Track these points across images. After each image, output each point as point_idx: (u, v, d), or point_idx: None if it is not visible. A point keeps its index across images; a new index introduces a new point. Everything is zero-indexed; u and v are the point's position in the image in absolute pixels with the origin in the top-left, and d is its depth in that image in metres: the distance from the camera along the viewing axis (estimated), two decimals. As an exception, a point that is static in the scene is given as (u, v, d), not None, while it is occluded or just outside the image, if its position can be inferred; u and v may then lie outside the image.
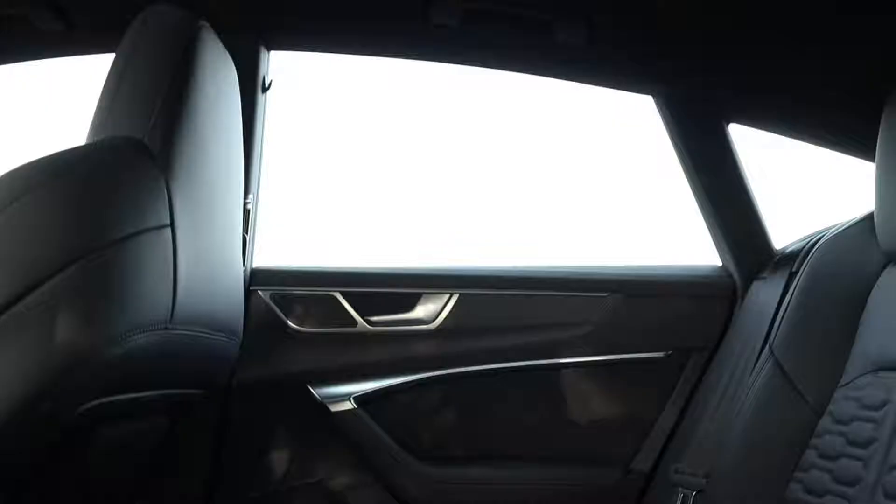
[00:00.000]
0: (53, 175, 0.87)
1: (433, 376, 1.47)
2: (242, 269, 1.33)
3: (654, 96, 1.51)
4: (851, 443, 1.00)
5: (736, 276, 1.52)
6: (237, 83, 1.22)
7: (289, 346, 1.46)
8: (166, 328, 0.94)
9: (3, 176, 0.87)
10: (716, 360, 1.45)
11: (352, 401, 1.44)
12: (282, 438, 1.49)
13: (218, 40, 1.11)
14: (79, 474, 1.04)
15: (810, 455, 1.06)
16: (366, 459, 1.46)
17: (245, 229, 1.38)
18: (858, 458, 0.98)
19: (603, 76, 1.50)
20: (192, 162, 1.02)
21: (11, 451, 0.84)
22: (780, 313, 1.28)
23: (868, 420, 0.99)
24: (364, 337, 1.48)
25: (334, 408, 1.44)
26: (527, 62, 1.49)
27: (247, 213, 1.41)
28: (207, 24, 1.08)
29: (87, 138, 0.98)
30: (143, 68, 1.01)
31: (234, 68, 1.19)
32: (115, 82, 1.00)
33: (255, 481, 1.45)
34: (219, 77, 1.12)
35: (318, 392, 1.45)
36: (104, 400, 0.94)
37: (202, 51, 1.05)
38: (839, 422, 1.04)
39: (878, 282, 1.10)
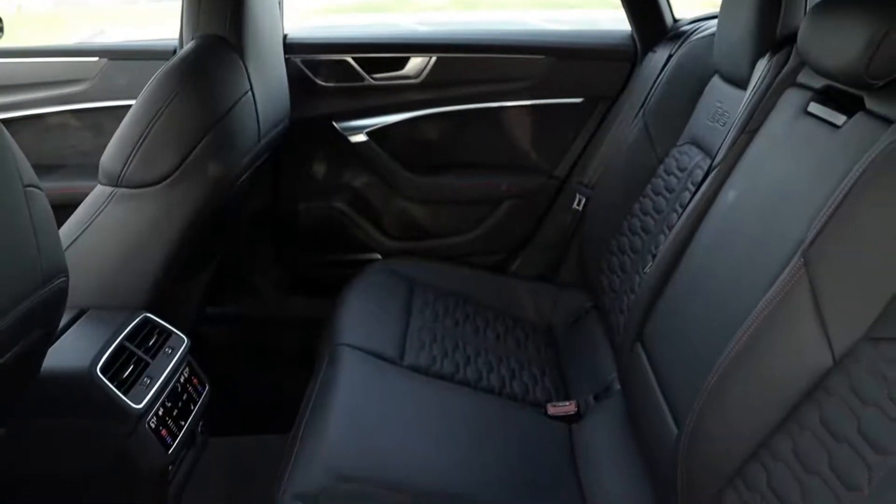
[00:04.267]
0: (190, 74, 1.39)
1: (420, 115, 2.06)
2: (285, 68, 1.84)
3: None
4: (670, 189, 1.67)
5: (638, 44, 2.03)
6: None
7: (318, 97, 2.03)
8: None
9: (156, 80, 1.38)
10: (614, 108, 2.04)
11: (364, 134, 2.07)
12: (321, 160, 2.11)
13: None
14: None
15: (655, 182, 1.75)
16: (376, 171, 2.11)
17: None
18: (671, 191, 1.66)
19: None
20: (253, 42, 1.53)
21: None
22: (656, 84, 1.89)
23: (681, 171, 1.66)
24: (370, 88, 2.06)
25: (353, 139, 2.06)
26: None
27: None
28: None
29: (185, 33, 1.48)
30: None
31: None
32: None
33: (304, 188, 2.12)
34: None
35: (341, 126, 2.07)
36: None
37: None
38: (672, 172, 1.71)
39: (710, 82, 1.69)
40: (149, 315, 1.41)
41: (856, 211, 0.94)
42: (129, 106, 1.40)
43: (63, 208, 1.18)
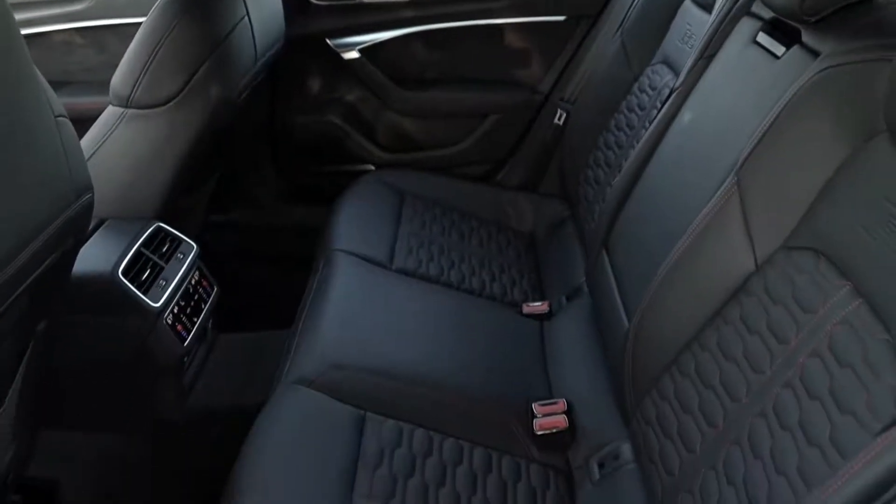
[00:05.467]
0: (190, 2, 1.49)
1: (411, 32, 2.14)
2: None
3: None
4: (641, 107, 1.78)
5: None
6: None
7: (312, 16, 2.11)
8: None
9: (158, 8, 1.48)
10: (595, 26, 2.12)
11: (357, 50, 2.16)
12: (316, 76, 2.20)
13: None
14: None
15: (630, 99, 1.87)
16: (368, 87, 2.20)
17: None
18: (642, 108, 1.77)
19: None
20: None
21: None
22: (634, 3, 1.97)
23: (652, 90, 1.77)
24: (363, 7, 2.13)
25: (346, 56, 2.15)
26: None
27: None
28: None
29: None
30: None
31: None
32: None
33: (300, 104, 2.22)
34: None
35: (334, 44, 2.15)
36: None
37: None
38: (645, 90, 1.81)
39: (683, 4, 1.78)
40: (161, 224, 1.55)
41: (781, 135, 1.07)
42: (131, 24, 1.51)
43: (73, 123, 1.31)
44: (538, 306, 1.67)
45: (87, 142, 1.50)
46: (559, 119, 2.14)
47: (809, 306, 0.94)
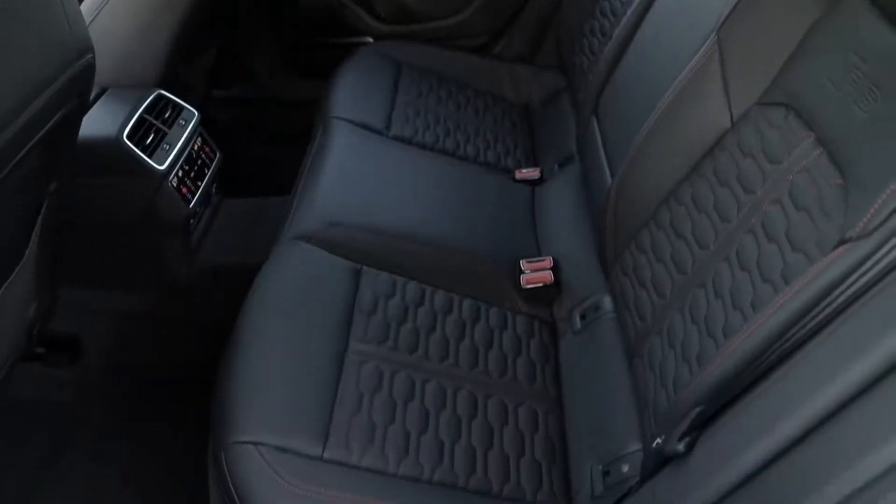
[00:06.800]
0: None
1: None
2: None
3: None
4: None
5: None
6: None
7: None
8: None
9: None
10: None
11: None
12: None
13: None
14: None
15: None
16: None
17: None
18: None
19: None
20: None
21: None
22: None
23: None
24: None
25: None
26: None
27: None
28: None
29: None
30: None
31: None
32: None
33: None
34: None
35: None
36: None
37: None
38: None
39: None
40: (162, 92, 1.59)
41: (760, -5, 1.10)
42: None
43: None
44: (530, 172, 1.73)
45: (85, 7, 1.52)
46: (557, -11, 2.12)
47: (776, 157, 0.99)
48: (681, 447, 0.75)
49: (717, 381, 0.83)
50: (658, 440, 0.86)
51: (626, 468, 1.10)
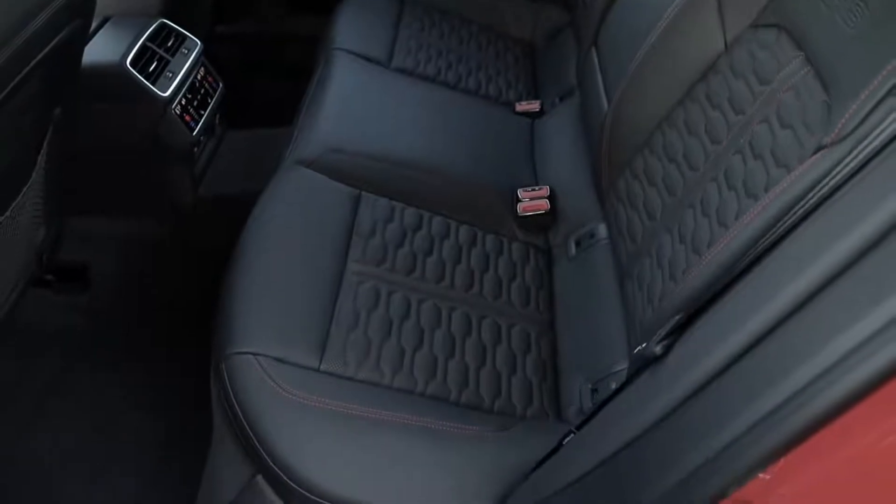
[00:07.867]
0: None
1: None
2: None
3: None
4: None
5: None
6: None
7: None
8: None
9: None
10: None
11: None
12: None
13: None
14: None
15: None
16: None
17: None
18: None
19: None
20: None
21: None
22: None
23: None
24: None
25: None
26: None
27: None
28: None
29: None
30: None
31: None
32: None
33: None
34: None
35: None
36: None
37: None
38: None
39: None
40: (165, 21, 1.60)
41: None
42: None
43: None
44: (531, 104, 1.74)
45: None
46: (563, -78, 2.10)
47: (766, 78, 1.01)
48: (658, 349, 0.77)
49: (697, 289, 0.86)
50: (640, 347, 0.89)
51: (613, 385, 1.13)
